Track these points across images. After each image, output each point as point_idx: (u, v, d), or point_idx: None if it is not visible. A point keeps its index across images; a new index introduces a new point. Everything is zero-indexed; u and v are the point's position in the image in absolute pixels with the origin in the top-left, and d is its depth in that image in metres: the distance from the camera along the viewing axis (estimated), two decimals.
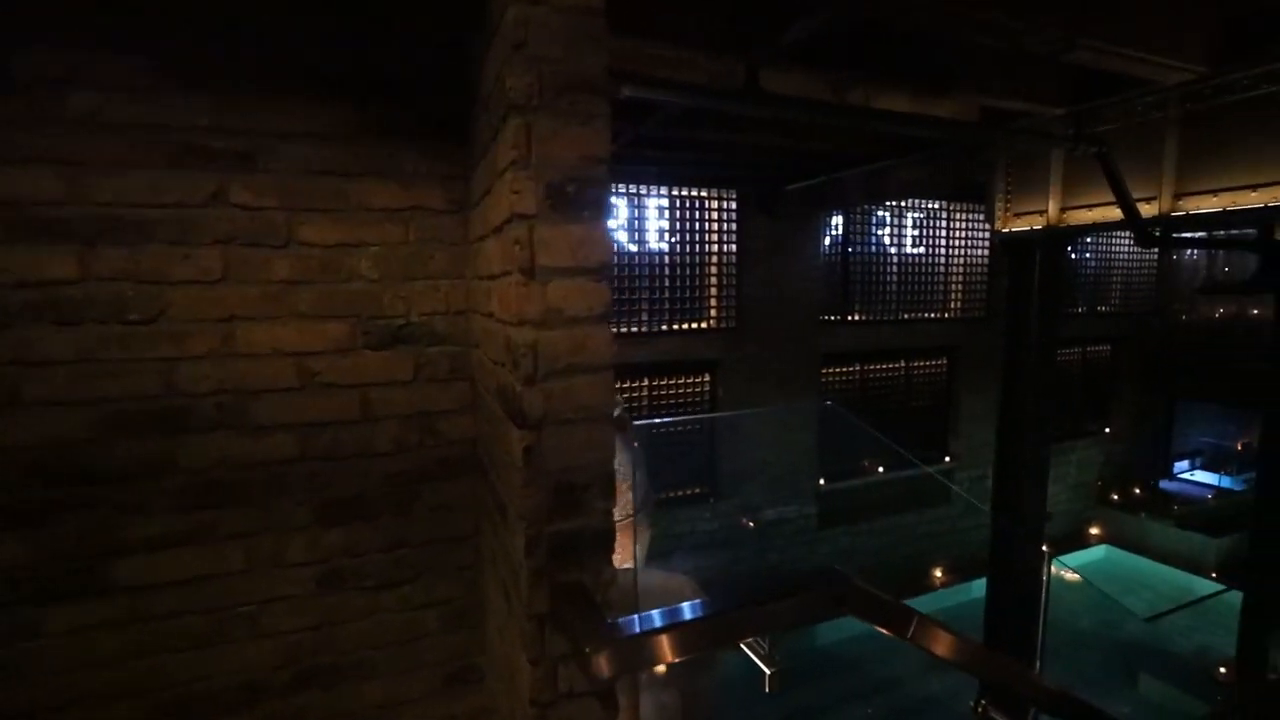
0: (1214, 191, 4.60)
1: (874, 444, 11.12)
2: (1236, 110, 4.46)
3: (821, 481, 10.59)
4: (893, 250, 10.74)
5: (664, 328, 9.13)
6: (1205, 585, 12.14)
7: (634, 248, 8.86)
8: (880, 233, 10.59)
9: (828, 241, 10.18)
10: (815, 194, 8.50)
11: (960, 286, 11.42)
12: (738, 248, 9.27)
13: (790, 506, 10.35)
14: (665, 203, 9.00)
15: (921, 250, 11.01)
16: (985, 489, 12.33)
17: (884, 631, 1.12)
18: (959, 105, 5.18)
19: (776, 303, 9.66)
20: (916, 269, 10.97)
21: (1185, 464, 16.43)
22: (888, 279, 10.65)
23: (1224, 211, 4.54)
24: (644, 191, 8.80)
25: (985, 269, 11.51)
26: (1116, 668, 9.90)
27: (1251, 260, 8.63)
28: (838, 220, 10.21)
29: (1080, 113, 5.21)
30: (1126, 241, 13.26)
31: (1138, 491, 14.25)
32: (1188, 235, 5.60)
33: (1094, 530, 13.68)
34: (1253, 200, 4.39)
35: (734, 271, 9.32)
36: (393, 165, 1.64)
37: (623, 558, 2.45)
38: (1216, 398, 12.86)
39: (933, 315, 11.27)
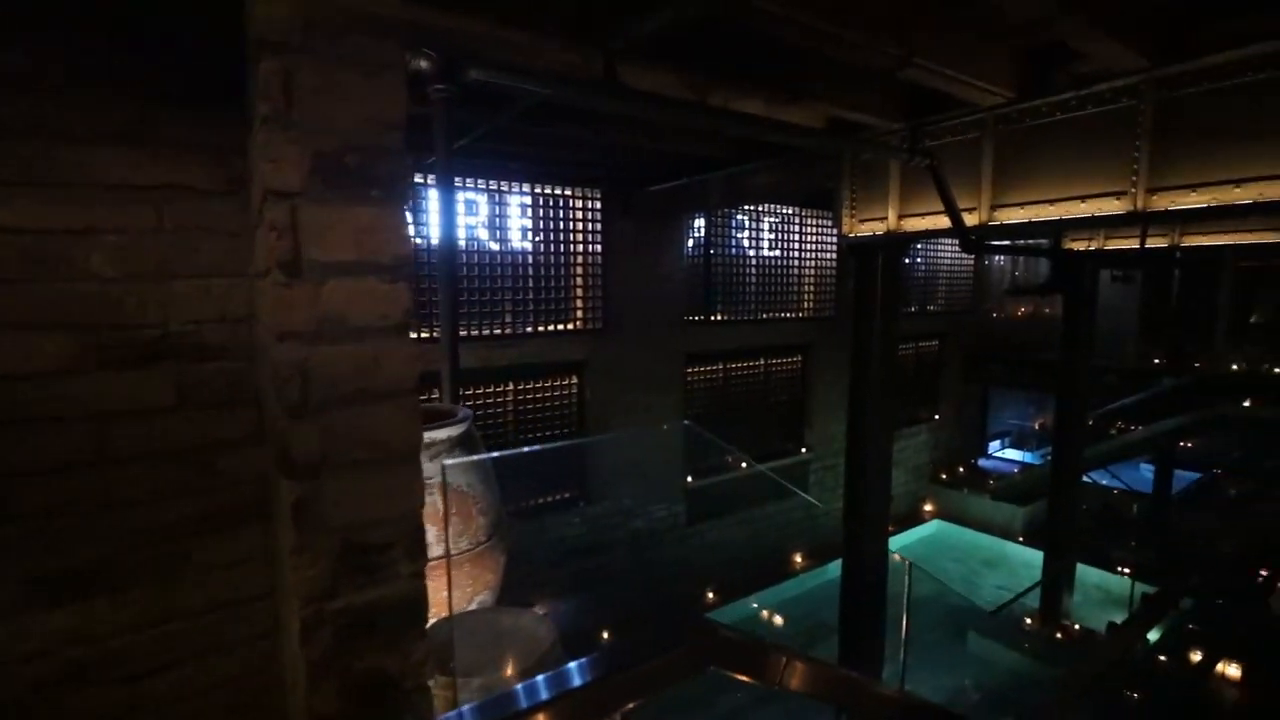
0: (1021, 204, 5.13)
1: (739, 441, 11.59)
2: (1038, 133, 5.00)
3: (690, 479, 10.79)
4: (751, 253, 11.18)
5: (529, 329, 8.81)
6: (1014, 548, 13.83)
7: (496, 246, 8.46)
8: (740, 236, 10.97)
9: (691, 243, 10.37)
10: (678, 196, 8.60)
11: (812, 287, 12.14)
12: (603, 248, 9.16)
13: (660, 505, 10.44)
14: (528, 200, 8.69)
15: (777, 253, 11.56)
16: (838, 476, 13.24)
17: (753, 682, 0.98)
18: (808, 113, 5.39)
19: (642, 303, 9.68)
20: (773, 271, 11.49)
21: (998, 444, 18.79)
22: (747, 280, 11.06)
23: (1028, 222, 5.07)
24: (506, 188, 8.43)
25: (834, 271, 12.33)
26: (950, 629, 11.00)
27: (1046, 266, 9.92)
28: (700, 223, 10.44)
29: (914, 128, 5.62)
30: (949, 247, 14.83)
31: (961, 470, 16.01)
32: (1002, 243, 6.25)
33: (928, 507, 15.17)
34: (1050, 213, 4.93)
35: (599, 272, 9.20)
36: (143, 129, 1.26)
37: (475, 590, 2.18)
38: (1020, 385, 14.71)
39: (788, 315, 11.88)
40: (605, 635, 8.44)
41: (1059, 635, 10.22)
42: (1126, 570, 11.75)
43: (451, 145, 2.50)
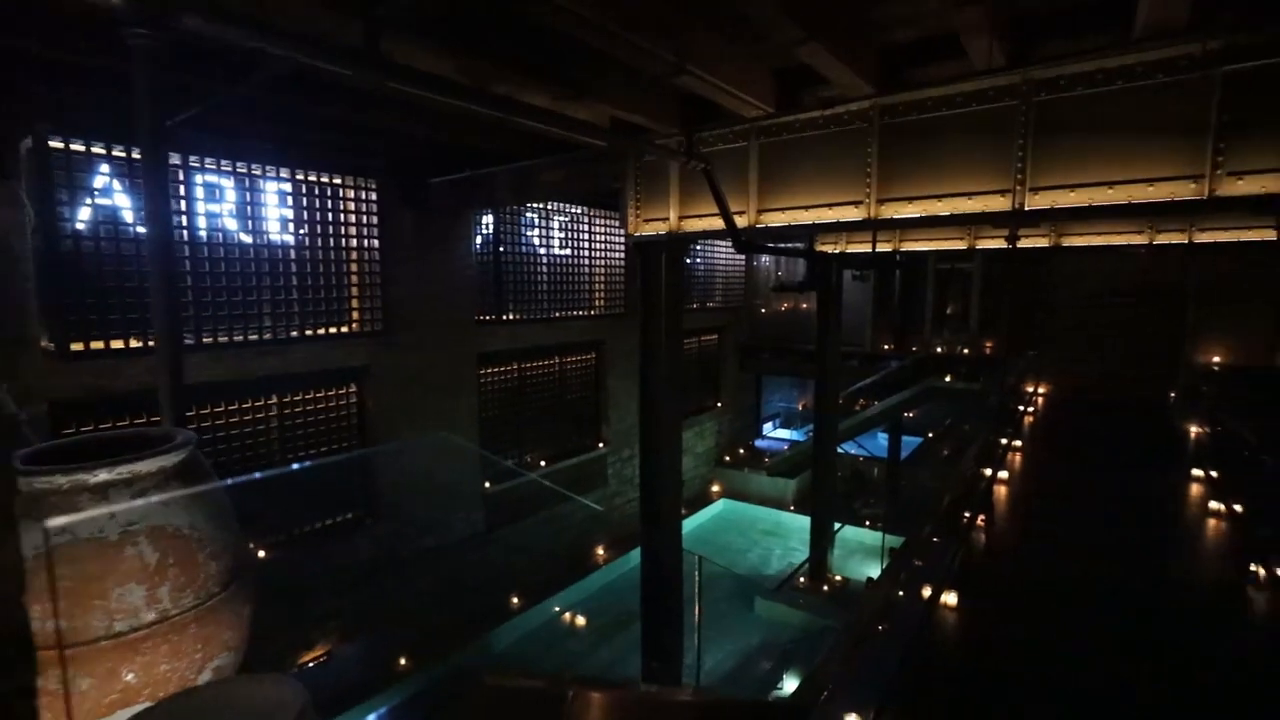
0: (782, 209, 5.69)
1: (537, 440, 11.48)
2: (795, 146, 5.59)
3: (487, 485, 10.42)
4: (542, 251, 11.10)
5: (295, 334, 7.79)
6: (788, 516, 15.54)
7: (248, 238, 7.32)
8: (530, 234, 10.84)
9: (480, 241, 9.99)
10: (464, 190, 8.21)
11: (603, 286, 12.44)
12: (381, 243, 8.42)
13: (457, 515, 9.93)
14: (289, 188, 7.66)
15: (568, 252, 11.63)
16: (636, 468, 13.77)
17: None
18: (594, 112, 5.44)
19: (430, 303, 9.10)
20: (565, 270, 11.55)
21: (771, 425, 21.04)
22: (539, 279, 10.97)
23: (789, 225, 5.64)
24: (260, 172, 7.33)
25: (623, 270, 12.76)
26: (741, 598, 12.04)
27: (803, 266, 11.24)
28: (489, 220, 10.10)
29: (690, 134, 5.97)
30: (723, 248, 16.20)
31: (741, 452, 17.65)
32: (768, 244, 6.91)
33: (715, 488, 16.46)
34: (806, 218, 5.55)
35: (377, 269, 8.44)
36: None
37: (207, 656, 1.79)
38: (786, 372, 16.58)
39: (581, 313, 12.03)
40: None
41: (826, 589, 11.72)
42: (870, 523, 13.93)
43: (160, 110, 2.02)
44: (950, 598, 5.13)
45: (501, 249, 10.28)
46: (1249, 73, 3.84)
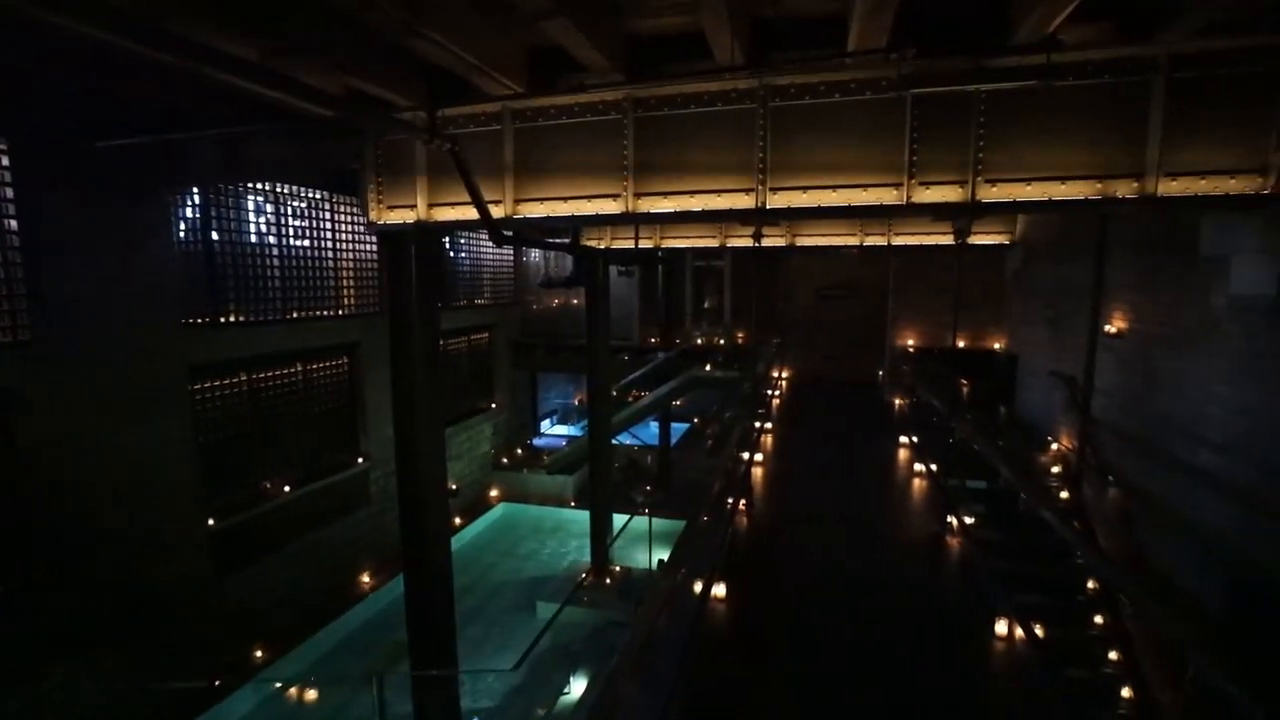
0: (541, 199, 5.41)
1: (280, 461, 9.82)
2: (553, 133, 5.32)
3: (211, 521, 8.64)
4: (274, 241, 9.47)
5: None
6: (569, 513, 15.49)
7: None
8: (259, 221, 9.15)
9: (186, 228, 8.16)
10: (152, 161, 6.57)
11: (353, 282, 11.06)
12: (24, 226, 6.38)
13: (168, 566, 8.05)
14: None
15: (309, 243, 10.12)
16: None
17: None
18: (325, 80, 4.60)
19: (109, 305, 7.17)
20: (306, 264, 10.03)
21: (549, 422, 20.92)
22: (270, 274, 9.35)
23: (547, 217, 5.38)
24: None
25: (376, 264, 11.50)
26: (521, 604, 11.63)
27: (571, 262, 11.17)
28: (199, 202, 8.28)
29: (438, 113, 5.39)
30: (490, 247, 15.59)
31: (520, 452, 17.22)
32: (532, 238, 6.58)
33: (493, 492, 15.80)
34: (565, 209, 5.33)
35: (18, 261, 6.40)
36: None
37: None
38: (559, 368, 16.53)
39: (328, 313, 10.59)
40: None
41: (609, 582, 11.84)
42: (647, 511, 14.47)
43: None
44: (720, 589, 5.35)
45: (218, 238, 8.52)
46: (930, 97, 4.46)
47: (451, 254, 14.27)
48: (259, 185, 8.98)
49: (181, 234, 8.05)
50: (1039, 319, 9.34)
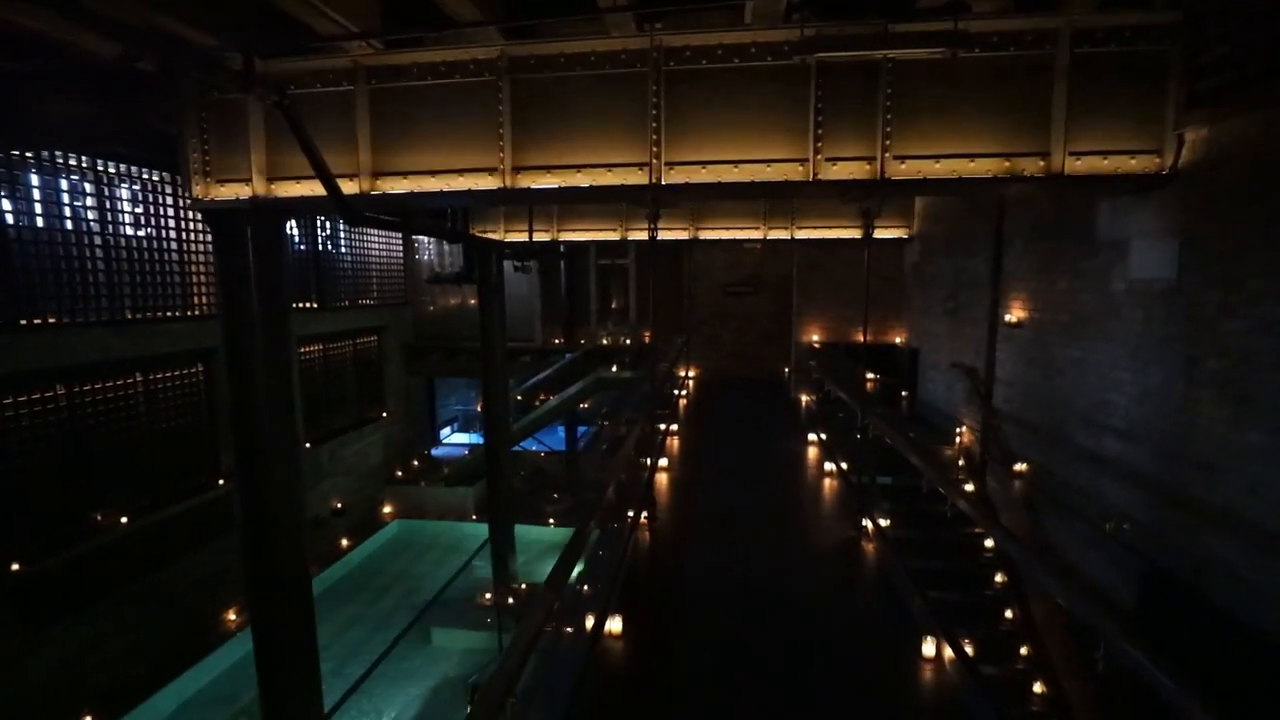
0: (404, 174, 4.63)
1: (115, 488, 8.32)
2: (417, 96, 4.55)
3: (15, 566, 7.13)
4: (100, 229, 8.00)
5: None
6: (471, 526, 14.49)
7: None
8: (65, 202, 7.65)
9: None
10: None
11: (204, 278, 9.60)
12: None
13: None
14: None
15: (148, 232, 8.68)
16: None
17: None
18: (122, 8, 3.62)
19: None
20: (145, 256, 8.59)
21: (450, 429, 19.68)
22: (93, 268, 7.89)
23: (412, 193, 4.61)
24: None
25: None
26: (415, 633, 10.60)
27: (462, 257, 10.28)
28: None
29: (282, 72, 4.50)
30: (379, 237, 14.31)
31: (416, 463, 15.98)
32: (391, 219, 5.72)
33: (387, 509, 14.52)
34: (433, 185, 4.58)
35: None
36: None
37: None
38: (456, 373, 15.48)
39: (174, 314, 9.15)
40: None
41: (511, 601, 11.01)
42: (554, 520, 13.72)
43: None
44: (615, 624, 4.76)
45: (11, 221, 7.02)
46: (835, 64, 4.08)
47: (330, 248, 12.94)
48: (78, 161, 7.55)
49: None
50: (939, 312, 9.45)
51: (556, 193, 4.41)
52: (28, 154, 7.11)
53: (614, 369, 15.36)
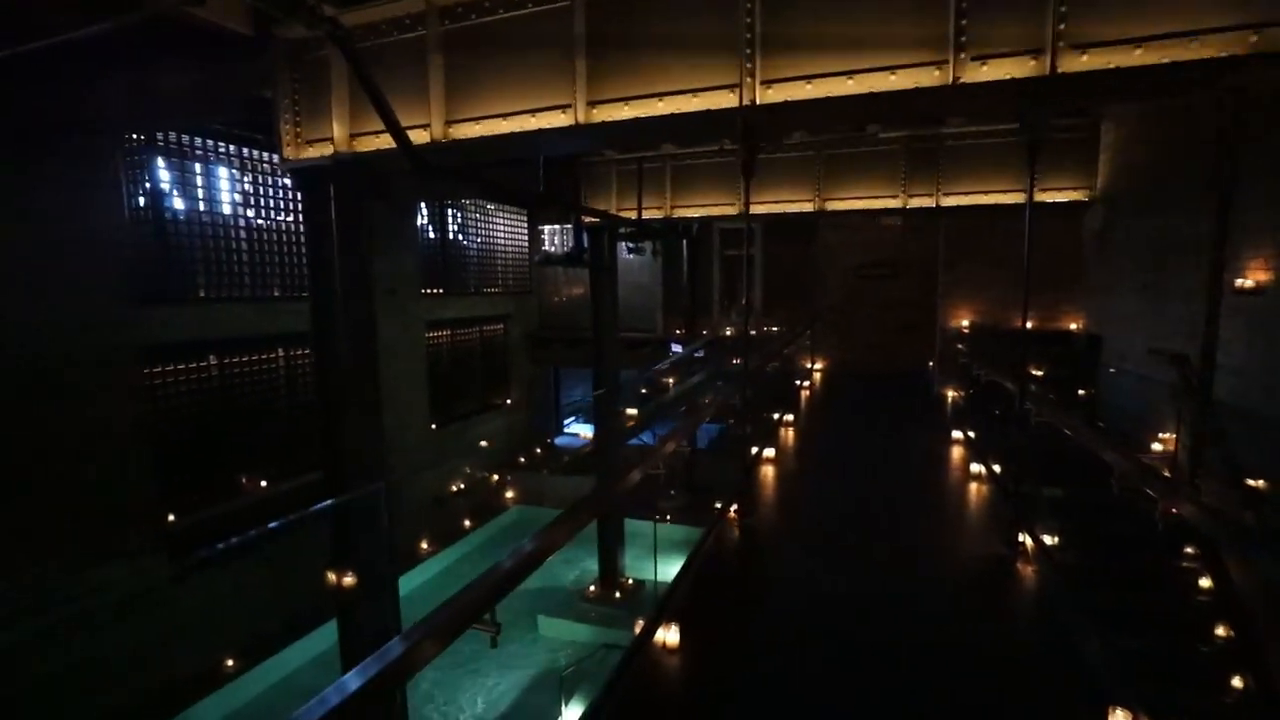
0: (477, 119, 4.27)
1: (252, 454, 8.99)
2: (489, 33, 4.17)
3: (171, 517, 7.84)
4: (245, 213, 8.63)
5: None
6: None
7: None
8: (217, 188, 8.31)
9: (142, 195, 7.39)
10: (56, 102, 5.73)
11: None
12: None
13: (115, 563, 7.26)
14: None
15: (286, 217, 9.29)
16: (397, 481, 11.68)
17: None
18: None
19: (42, 278, 6.43)
20: (279, 236, 9.19)
21: (572, 419, 19.85)
22: (237, 247, 8.53)
23: (483, 138, 4.23)
24: None
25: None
26: (523, 620, 10.55)
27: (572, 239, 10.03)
28: (149, 165, 7.52)
29: (357, 27, 4.35)
30: (504, 224, 14.61)
31: (538, 451, 16.19)
32: (464, 172, 5.42)
33: (508, 494, 14.82)
34: (504, 128, 4.19)
35: None
36: None
37: None
38: (579, 364, 15.43)
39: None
40: None
41: (618, 595, 10.64)
42: (669, 517, 13.18)
43: None
44: (670, 634, 4.03)
45: (169, 205, 7.74)
46: None
47: (459, 237, 13.36)
48: (226, 148, 8.19)
49: (128, 199, 7.27)
50: (1131, 287, 7.62)
51: (633, 124, 3.83)
52: (188, 143, 7.84)
53: (735, 361, 14.55)
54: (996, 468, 7.15)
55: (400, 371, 11.54)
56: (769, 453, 8.14)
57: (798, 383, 11.72)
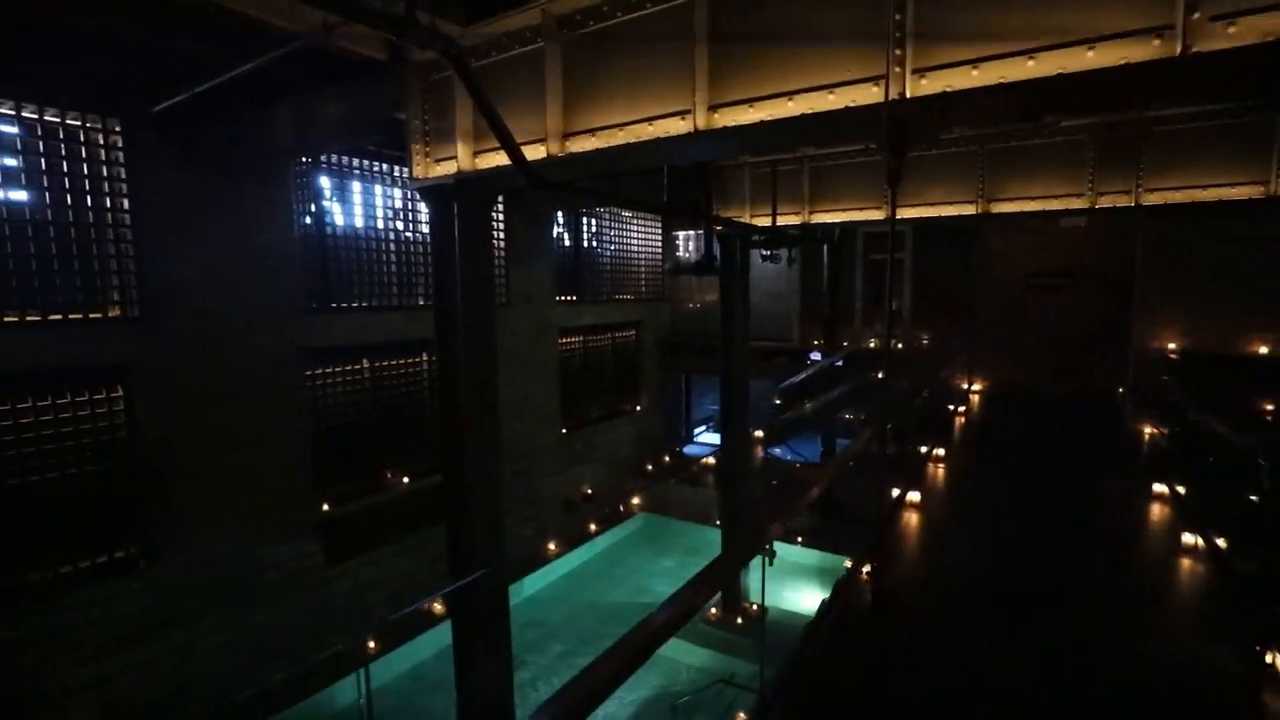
0: (593, 130, 4.06)
1: (395, 450, 9.60)
2: (608, 39, 3.95)
3: (326, 507, 8.55)
4: (382, 226, 9.17)
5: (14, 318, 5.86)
6: (715, 532, 13.93)
7: None
8: (370, 205, 8.92)
9: (306, 214, 8.13)
10: (250, 137, 6.37)
11: None
12: (134, 205, 6.51)
13: (279, 548, 8.03)
14: (12, 128, 5.75)
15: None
16: (531, 480, 12.01)
17: None
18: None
19: (225, 287, 7.24)
20: (420, 248, 9.74)
21: (703, 428, 19.51)
22: (385, 260, 9.12)
23: (598, 150, 4.02)
24: None
25: (503, 252, 11.05)
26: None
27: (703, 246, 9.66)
28: (313, 185, 8.25)
29: (476, 42, 4.33)
30: (638, 230, 14.58)
31: (667, 459, 16.03)
32: (586, 185, 5.24)
33: (635, 501, 14.78)
34: (619, 138, 3.94)
35: (129, 238, 6.54)
36: None
37: None
38: (710, 371, 15.02)
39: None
40: None
41: (740, 621, 10.15)
42: (800, 540, 12.39)
43: None
44: None
45: (327, 221, 8.43)
46: None
47: (593, 244, 13.51)
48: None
49: (299, 215, 8.00)
50: None
51: (759, 129, 3.40)
52: (345, 163, 8.51)
53: (879, 375, 13.39)
54: (1221, 542, 5.54)
55: (533, 377, 11.85)
56: (913, 496, 7.04)
57: (952, 407, 10.33)
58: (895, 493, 6.32)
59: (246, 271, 7.45)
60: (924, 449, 8.24)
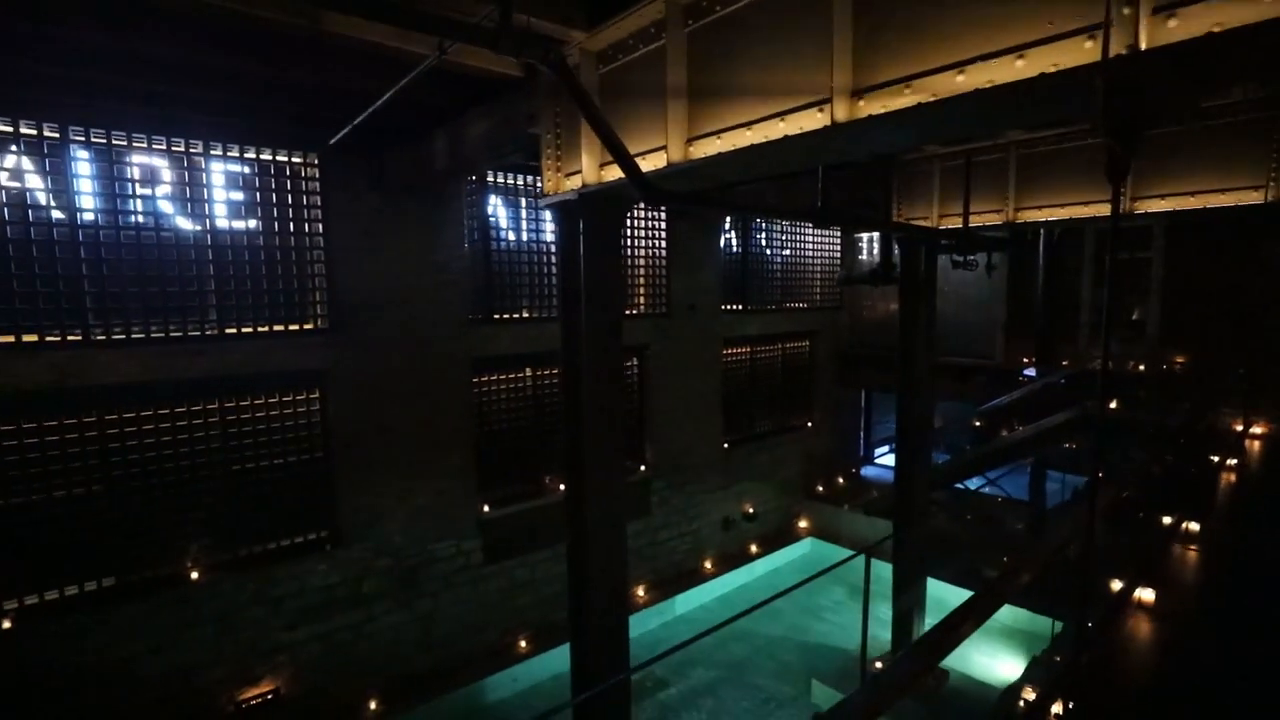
0: (718, 133, 3.54)
1: (553, 459, 9.79)
2: (732, 25, 3.41)
3: (486, 508, 8.96)
4: (530, 238, 9.30)
5: (233, 330, 6.84)
6: (890, 569, 12.48)
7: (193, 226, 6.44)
8: (532, 217, 9.11)
9: (471, 228, 8.55)
10: (421, 161, 6.79)
11: (644, 278, 10.51)
12: (327, 228, 7.26)
13: (444, 543, 8.56)
14: (239, 167, 6.74)
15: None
16: (688, 496, 11.65)
17: None
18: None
19: (402, 300, 7.85)
20: None
21: (884, 449, 17.70)
22: (545, 272, 9.29)
23: (722, 155, 3.48)
24: (151, 145, 6.43)
25: (665, 259, 10.81)
26: (794, 674, 9.53)
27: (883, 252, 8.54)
28: (481, 203, 8.65)
29: (604, 49, 4.04)
30: (812, 237, 13.53)
31: (841, 481, 14.73)
32: (716, 199, 4.66)
33: (802, 523, 13.78)
34: (747, 139, 3.35)
35: (323, 259, 7.29)
36: None
37: None
38: (886, 388, 13.51)
39: (629, 311, 10.23)
40: None
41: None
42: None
43: None
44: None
45: (494, 236, 8.79)
46: None
47: (762, 250, 12.78)
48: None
49: (468, 233, 8.43)
50: None
51: (915, 114, 2.63)
52: (507, 180, 8.81)
53: (1112, 405, 10.94)
54: None
55: (694, 388, 11.48)
56: (1144, 594, 4.88)
57: (1215, 458, 7.74)
58: (1114, 585, 4.63)
59: (423, 285, 8.00)
60: (1166, 519, 5.99)
